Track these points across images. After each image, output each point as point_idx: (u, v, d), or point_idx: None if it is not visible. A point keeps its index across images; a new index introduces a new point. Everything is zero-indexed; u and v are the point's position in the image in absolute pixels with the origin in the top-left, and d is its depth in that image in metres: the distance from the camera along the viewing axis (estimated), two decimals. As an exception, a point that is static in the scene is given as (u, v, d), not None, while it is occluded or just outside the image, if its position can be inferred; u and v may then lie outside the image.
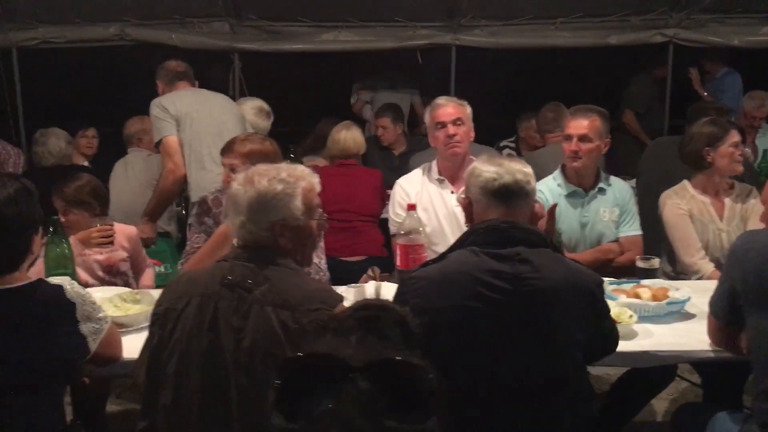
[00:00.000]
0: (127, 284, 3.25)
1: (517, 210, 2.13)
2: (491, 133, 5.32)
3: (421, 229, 2.88)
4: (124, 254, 3.33)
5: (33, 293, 2.08)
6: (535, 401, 1.96)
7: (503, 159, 2.23)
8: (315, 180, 2.08)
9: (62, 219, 3.01)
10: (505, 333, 1.94)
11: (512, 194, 2.12)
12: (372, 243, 4.22)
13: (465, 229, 2.22)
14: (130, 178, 4.45)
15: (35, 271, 2.55)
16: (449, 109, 3.38)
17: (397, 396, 0.77)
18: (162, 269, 4.02)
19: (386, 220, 3.88)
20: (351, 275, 3.14)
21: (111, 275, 3.29)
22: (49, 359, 2.08)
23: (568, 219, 3.43)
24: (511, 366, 1.94)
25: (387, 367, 0.80)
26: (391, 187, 3.72)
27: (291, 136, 5.16)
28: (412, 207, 2.94)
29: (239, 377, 1.81)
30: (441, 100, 3.45)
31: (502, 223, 2.06)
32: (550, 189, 3.45)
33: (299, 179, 2.02)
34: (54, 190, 3.21)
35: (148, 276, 3.48)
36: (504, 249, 1.99)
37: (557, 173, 3.51)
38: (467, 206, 2.24)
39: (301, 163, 3.23)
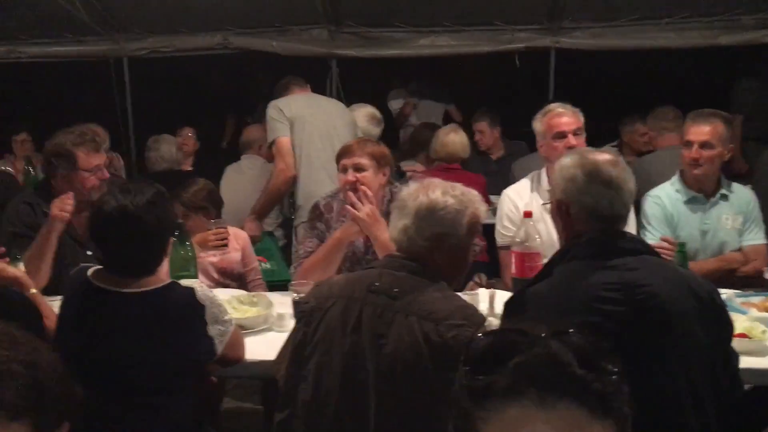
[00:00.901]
0: (241, 287, 3.33)
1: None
2: (590, 137, 5.18)
3: (537, 237, 2.82)
4: (238, 256, 3.41)
5: (167, 295, 2.15)
6: (668, 408, 1.87)
7: None
8: (483, 208, 2.11)
9: (181, 223, 3.11)
10: (628, 345, 1.86)
11: None
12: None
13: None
14: (244, 184, 4.55)
15: (161, 272, 2.64)
16: (567, 118, 3.22)
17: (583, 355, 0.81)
18: (268, 266, 4.09)
19: (488, 226, 3.83)
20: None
21: (225, 277, 3.37)
22: (181, 360, 2.14)
23: (687, 226, 3.29)
24: (638, 377, 1.86)
25: (571, 337, 0.83)
26: (491, 193, 3.66)
27: (384, 141, 5.19)
28: (528, 214, 2.88)
29: (379, 382, 1.82)
30: (557, 108, 3.28)
31: (605, 234, 1.98)
32: (668, 195, 3.32)
33: (471, 202, 2.05)
34: (173, 196, 3.31)
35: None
36: (609, 260, 1.92)
37: (675, 179, 3.37)
38: (562, 211, 2.08)
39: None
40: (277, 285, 3.43)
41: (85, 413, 1.91)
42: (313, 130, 4.03)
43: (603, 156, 2.05)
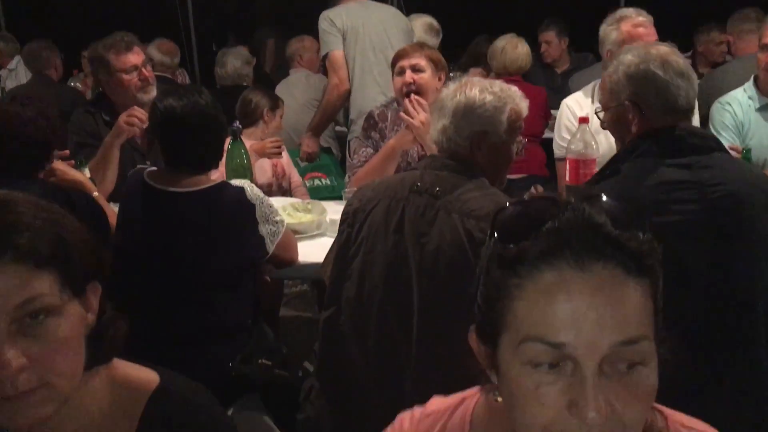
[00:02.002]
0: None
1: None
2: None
3: (594, 144, 2.73)
4: (286, 160, 3.48)
5: (218, 194, 2.20)
6: (740, 311, 1.82)
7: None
8: (524, 104, 2.05)
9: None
10: (701, 246, 1.81)
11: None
12: (533, 161, 4.11)
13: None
14: (294, 97, 4.56)
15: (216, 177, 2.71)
16: (644, 29, 2.92)
17: (616, 216, 0.80)
18: (327, 182, 4.13)
19: (548, 140, 3.73)
20: (510, 192, 3.06)
21: (276, 176, 3.45)
22: (234, 258, 2.20)
23: (758, 135, 3.12)
24: (711, 278, 1.81)
25: (601, 200, 0.82)
26: (554, 107, 3.54)
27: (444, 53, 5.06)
28: (584, 120, 2.79)
29: (421, 279, 1.83)
30: (636, 16, 2.95)
31: (677, 129, 1.88)
32: (739, 102, 3.15)
33: (511, 98, 2.00)
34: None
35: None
36: (682, 158, 1.84)
37: (749, 85, 3.18)
38: (631, 114, 1.95)
39: None
40: (338, 201, 3.47)
41: (145, 310, 2.04)
42: (366, 42, 3.93)
43: (663, 47, 1.95)
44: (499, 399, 0.87)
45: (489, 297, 0.84)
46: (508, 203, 0.87)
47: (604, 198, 0.82)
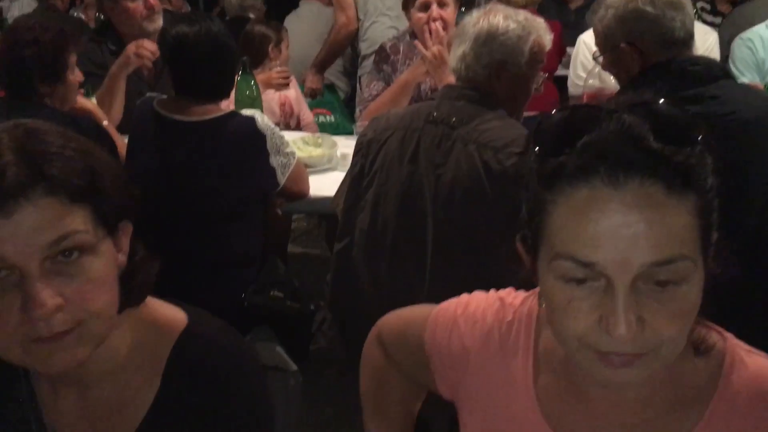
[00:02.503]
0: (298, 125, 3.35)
1: None
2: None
3: (610, 79, 2.67)
4: (294, 94, 3.42)
5: (229, 124, 2.16)
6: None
7: None
8: (548, 37, 1.99)
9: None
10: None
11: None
12: (546, 98, 4.02)
13: None
14: (303, 31, 4.44)
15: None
16: None
17: (662, 127, 0.75)
18: (331, 119, 4.06)
19: (561, 78, 3.66)
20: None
21: (286, 116, 3.39)
22: (245, 189, 2.18)
23: (779, 72, 3.06)
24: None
25: (649, 107, 0.77)
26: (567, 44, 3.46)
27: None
28: (603, 54, 2.72)
29: (436, 210, 1.82)
30: None
31: (676, 62, 1.82)
32: (761, 38, 3.08)
33: (535, 28, 1.93)
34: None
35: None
36: (687, 90, 1.78)
37: (773, 19, 3.11)
38: (630, 53, 1.91)
39: None
40: (348, 135, 3.41)
41: (156, 240, 2.02)
42: None
43: None
44: (543, 306, 0.86)
45: (529, 209, 0.82)
46: (553, 111, 0.82)
47: (654, 106, 0.77)
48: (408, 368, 1.12)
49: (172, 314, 1.00)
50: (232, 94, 2.72)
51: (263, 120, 2.20)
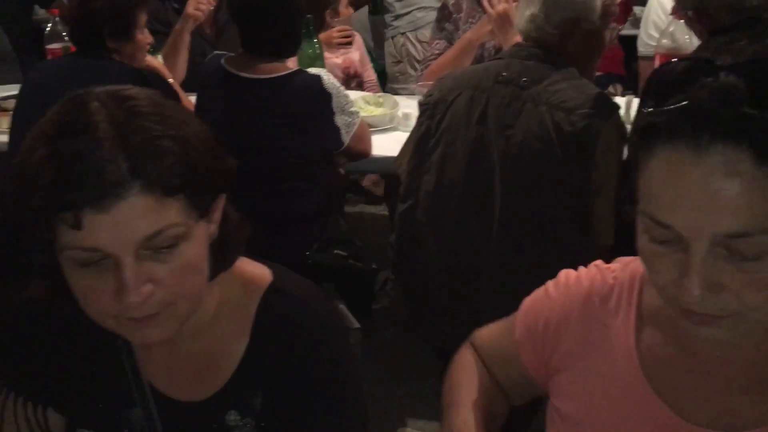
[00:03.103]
0: (359, 88, 3.32)
1: None
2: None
3: (687, 37, 2.57)
4: (357, 56, 3.38)
5: (295, 81, 2.17)
6: None
7: None
8: None
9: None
10: None
11: None
12: (612, 57, 3.93)
13: None
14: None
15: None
16: None
17: (761, 91, 0.70)
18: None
19: (627, 37, 3.55)
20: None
21: (348, 77, 3.37)
22: (310, 147, 2.18)
23: None
24: None
25: (757, 66, 0.72)
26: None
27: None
28: (677, 11, 2.61)
29: (504, 172, 1.79)
30: None
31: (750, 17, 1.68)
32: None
33: None
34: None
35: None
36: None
37: None
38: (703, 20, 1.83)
39: None
40: (409, 96, 3.37)
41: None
42: None
43: None
44: None
45: (629, 160, 0.80)
46: (672, 61, 0.79)
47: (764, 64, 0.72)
48: (499, 369, 1.10)
49: (257, 271, 1.01)
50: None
51: (329, 79, 2.20)
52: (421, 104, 2.02)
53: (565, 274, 1.01)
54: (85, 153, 0.78)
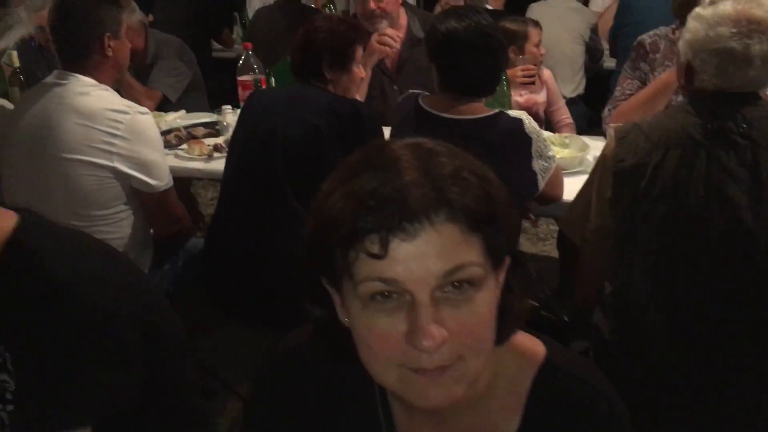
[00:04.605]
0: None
1: None
2: None
3: None
4: (543, 96, 3.28)
5: (496, 124, 2.11)
6: None
7: None
8: None
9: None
10: None
11: None
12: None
13: None
14: (553, 20, 4.26)
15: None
16: None
17: None
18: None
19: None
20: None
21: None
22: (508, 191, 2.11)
23: None
24: None
25: None
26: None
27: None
28: None
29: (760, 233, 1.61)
30: None
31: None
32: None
33: None
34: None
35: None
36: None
37: None
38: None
39: None
40: (596, 136, 3.22)
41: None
42: None
43: None
44: None
45: None
46: None
47: None
48: None
49: (531, 344, 0.95)
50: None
51: (530, 122, 2.13)
52: (615, 173, 1.84)
53: None
54: (391, 179, 0.78)
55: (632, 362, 1.75)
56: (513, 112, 2.18)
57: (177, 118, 3.35)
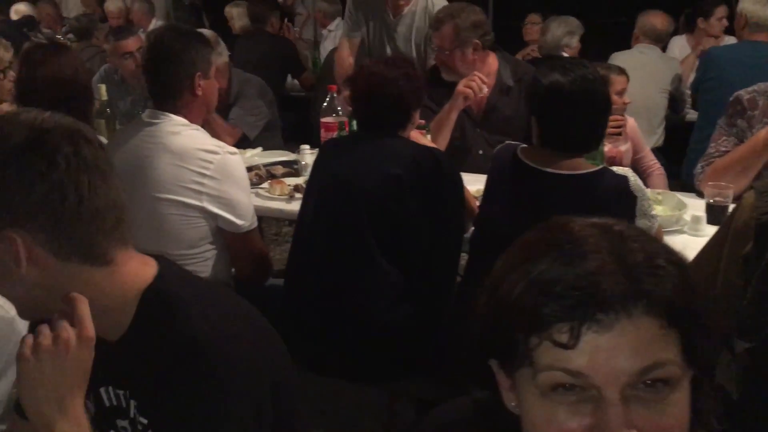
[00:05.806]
0: None
1: None
2: None
3: None
4: (627, 146, 3.18)
5: (600, 181, 2.03)
6: None
7: None
8: None
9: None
10: None
11: None
12: None
13: None
14: (639, 75, 4.17)
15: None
16: None
17: None
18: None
19: None
20: None
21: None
22: None
23: None
24: None
25: None
26: None
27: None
28: None
29: None
30: None
31: None
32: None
33: None
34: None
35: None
36: None
37: None
38: None
39: None
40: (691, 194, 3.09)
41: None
42: None
43: None
44: None
45: None
46: None
47: None
48: None
49: None
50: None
51: (635, 180, 2.04)
52: (758, 225, 1.74)
53: None
54: (577, 263, 0.73)
55: (765, 427, 1.64)
56: (618, 169, 2.10)
57: (255, 156, 3.35)
